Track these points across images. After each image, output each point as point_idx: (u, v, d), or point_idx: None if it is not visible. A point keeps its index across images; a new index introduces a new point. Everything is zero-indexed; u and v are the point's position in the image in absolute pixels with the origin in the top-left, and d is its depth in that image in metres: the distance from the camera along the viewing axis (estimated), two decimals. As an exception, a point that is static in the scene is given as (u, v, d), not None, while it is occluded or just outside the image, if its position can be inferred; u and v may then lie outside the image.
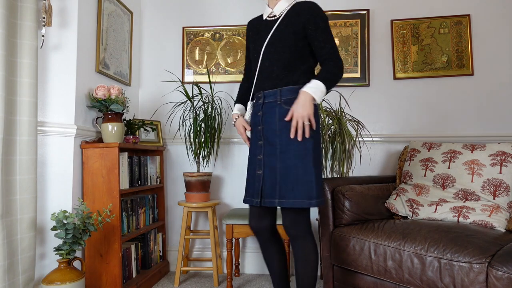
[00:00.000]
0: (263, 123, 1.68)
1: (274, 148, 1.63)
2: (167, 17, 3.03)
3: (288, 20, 1.66)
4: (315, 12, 1.64)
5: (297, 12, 1.66)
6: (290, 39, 1.63)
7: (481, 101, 2.71)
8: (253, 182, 1.68)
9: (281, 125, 1.62)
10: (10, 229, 1.74)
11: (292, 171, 1.58)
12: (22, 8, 1.83)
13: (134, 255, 2.40)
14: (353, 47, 2.83)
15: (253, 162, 1.71)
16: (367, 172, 2.77)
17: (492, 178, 1.97)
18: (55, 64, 2.07)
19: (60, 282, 1.77)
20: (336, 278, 2.00)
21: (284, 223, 1.64)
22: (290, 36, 1.63)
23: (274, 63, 1.65)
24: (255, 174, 1.68)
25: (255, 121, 1.72)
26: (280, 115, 1.62)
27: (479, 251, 1.50)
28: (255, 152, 1.71)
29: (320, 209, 2.09)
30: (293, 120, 1.56)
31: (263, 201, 1.64)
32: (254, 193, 1.67)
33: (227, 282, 2.41)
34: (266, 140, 1.66)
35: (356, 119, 2.47)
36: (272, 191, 1.61)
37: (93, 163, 2.13)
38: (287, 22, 1.66)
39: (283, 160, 1.60)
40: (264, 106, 1.68)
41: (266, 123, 1.67)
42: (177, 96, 2.90)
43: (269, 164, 1.64)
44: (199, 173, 2.56)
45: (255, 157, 1.70)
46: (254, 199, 1.67)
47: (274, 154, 1.63)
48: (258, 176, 1.66)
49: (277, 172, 1.61)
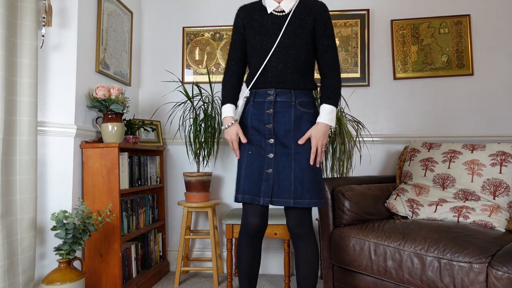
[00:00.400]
0: (274, 121, 1.63)
1: (289, 148, 1.61)
2: (167, 17, 3.03)
3: (301, 19, 1.63)
4: (326, 14, 1.66)
5: (308, 10, 1.65)
6: (305, 41, 1.63)
7: (481, 101, 2.71)
8: (258, 180, 1.60)
9: (296, 126, 1.63)
10: (10, 229, 1.74)
11: (308, 172, 1.59)
12: (22, 8, 1.83)
13: (134, 255, 2.40)
14: (353, 47, 2.83)
15: (258, 160, 1.63)
16: (367, 172, 2.77)
17: (492, 178, 1.97)
18: (55, 64, 2.07)
19: (60, 282, 1.77)
20: (336, 278, 2.00)
21: (291, 222, 1.63)
22: (304, 38, 1.63)
23: (287, 63, 1.63)
24: (262, 173, 1.61)
25: (263, 118, 1.65)
26: (296, 116, 1.63)
27: (479, 251, 1.50)
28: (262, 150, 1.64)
29: (320, 209, 2.09)
30: (313, 147, 1.60)
31: (274, 200, 1.59)
32: (260, 192, 1.60)
33: (227, 282, 2.41)
34: (278, 140, 1.62)
35: (356, 119, 2.47)
36: (286, 191, 1.58)
37: (93, 163, 2.13)
38: (300, 21, 1.63)
39: (298, 161, 1.60)
40: (277, 105, 1.64)
41: (278, 122, 1.63)
42: (177, 96, 2.90)
43: (282, 163, 1.60)
44: (199, 173, 2.56)
45: (261, 155, 1.63)
46: (259, 197, 1.60)
47: (289, 154, 1.61)
48: (268, 174, 1.60)
49: (292, 172, 1.59)
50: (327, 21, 1.66)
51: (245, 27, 1.70)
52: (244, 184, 1.63)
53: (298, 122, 1.63)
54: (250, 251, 1.69)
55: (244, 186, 1.62)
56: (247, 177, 1.63)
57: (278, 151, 1.62)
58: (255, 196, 1.60)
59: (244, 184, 1.63)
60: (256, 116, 1.67)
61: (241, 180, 1.64)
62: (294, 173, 1.59)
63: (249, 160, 1.64)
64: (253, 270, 1.72)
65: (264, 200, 1.59)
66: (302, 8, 1.65)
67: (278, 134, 1.63)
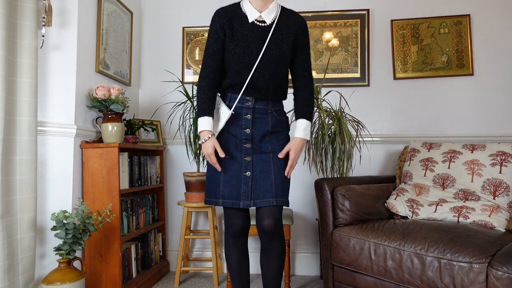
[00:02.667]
0: (253, 127, 1.68)
1: (266, 152, 1.68)
2: (167, 17, 3.03)
3: (282, 33, 1.66)
4: (306, 28, 1.73)
5: (289, 24, 1.68)
6: (287, 56, 1.68)
7: (481, 101, 2.71)
8: (237, 184, 1.65)
9: (273, 131, 1.70)
10: (10, 229, 1.75)
11: (282, 172, 1.68)
12: (22, 8, 1.83)
13: (134, 255, 2.40)
14: (353, 47, 2.83)
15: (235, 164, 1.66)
16: (367, 172, 2.77)
17: (492, 178, 1.97)
18: (55, 64, 2.07)
19: (60, 282, 1.77)
20: (336, 278, 2.00)
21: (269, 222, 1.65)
22: (286, 53, 1.67)
23: (268, 78, 1.66)
24: (240, 176, 1.65)
25: (241, 122, 1.67)
26: (273, 122, 1.70)
27: (479, 251, 1.50)
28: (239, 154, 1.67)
29: (320, 209, 2.09)
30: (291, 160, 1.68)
31: (255, 202, 1.64)
32: (239, 195, 1.64)
33: (227, 282, 2.41)
34: (255, 144, 1.68)
35: (356, 119, 2.47)
36: (267, 191, 1.64)
37: (93, 163, 2.13)
38: (281, 36, 1.66)
39: (276, 163, 1.67)
40: (255, 111, 1.68)
41: (256, 128, 1.68)
42: (177, 96, 2.90)
43: (260, 166, 1.66)
44: (199, 173, 2.56)
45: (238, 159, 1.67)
46: (239, 201, 1.64)
47: (267, 157, 1.68)
48: (246, 177, 1.65)
49: (272, 173, 1.65)
50: (306, 35, 1.73)
51: (226, 35, 1.66)
52: (223, 189, 1.66)
53: (274, 128, 1.70)
54: (237, 250, 1.76)
55: (223, 191, 1.66)
56: (226, 181, 1.66)
57: (255, 155, 1.68)
58: (234, 199, 1.65)
59: (223, 189, 1.66)
60: (235, 122, 1.68)
61: (220, 184, 1.67)
62: (274, 174, 1.66)
63: (227, 164, 1.67)
64: (243, 269, 1.77)
65: (244, 203, 1.64)
66: (284, 19, 1.68)
67: (255, 138, 1.68)
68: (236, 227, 1.71)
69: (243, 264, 1.78)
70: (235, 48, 1.64)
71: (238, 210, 1.69)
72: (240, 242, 1.76)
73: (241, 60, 1.64)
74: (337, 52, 2.85)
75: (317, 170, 2.41)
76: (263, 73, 1.64)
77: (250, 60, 1.63)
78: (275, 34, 1.65)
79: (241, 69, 1.64)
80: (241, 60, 1.64)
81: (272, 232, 1.66)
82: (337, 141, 2.31)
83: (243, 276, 1.78)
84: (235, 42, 1.64)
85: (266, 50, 1.63)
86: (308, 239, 2.82)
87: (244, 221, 1.72)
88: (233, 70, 1.66)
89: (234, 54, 1.64)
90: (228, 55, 1.67)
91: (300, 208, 2.84)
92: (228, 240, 1.76)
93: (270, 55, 1.63)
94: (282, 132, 1.73)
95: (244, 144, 1.67)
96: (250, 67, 1.63)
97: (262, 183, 1.64)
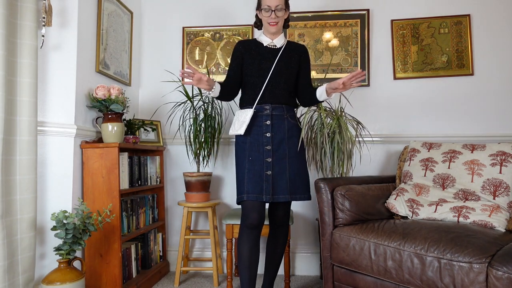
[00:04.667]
0: (273, 131, 1.99)
1: (283, 154, 1.99)
2: (167, 17, 3.03)
3: (289, 55, 2.06)
4: (307, 53, 2.16)
5: (293, 50, 2.09)
6: (294, 68, 2.07)
7: (481, 101, 2.71)
8: (260, 181, 1.93)
9: (289, 135, 2.02)
10: (10, 229, 1.75)
11: (300, 172, 2.01)
12: (22, 8, 1.83)
13: (134, 255, 2.40)
14: (353, 47, 2.83)
15: (258, 164, 1.95)
16: (367, 172, 2.77)
17: (492, 178, 1.97)
18: (55, 64, 2.07)
19: (60, 282, 1.77)
20: (336, 278, 2.00)
21: (280, 214, 2.06)
22: (293, 65, 2.06)
23: (280, 83, 2.01)
24: (262, 175, 1.94)
25: (262, 128, 1.99)
26: (288, 126, 2.03)
27: (479, 251, 1.50)
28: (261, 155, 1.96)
29: (320, 209, 2.09)
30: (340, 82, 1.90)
31: (275, 197, 1.93)
32: (262, 191, 1.92)
33: (227, 282, 2.41)
34: (276, 146, 1.98)
35: (356, 119, 2.47)
36: (284, 188, 1.95)
37: (93, 163, 2.13)
38: (288, 56, 2.06)
39: (293, 164, 2.00)
40: (273, 117, 2.00)
41: (275, 132, 1.99)
42: (177, 96, 2.90)
43: (279, 167, 1.96)
44: (199, 173, 2.56)
45: (260, 160, 1.95)
46: (262, 195, 1.91)
47: (284, 159, 1.98)
48: (267, 176, 1.94)
49: (287, 173, 1.97)
50: (307, 56, 2.15)
51: (244, 56, 2.06)
52: (248, 185, 1.93)
53: (290, 132, 2.03)
54: (250, 241, 1.95)
55: (248, 187, 1.93)
56: (250, 179, 1.93)
57: (275, 156, 1.97)
58: (258, 194, 1.92)
59: (248, 185, 1.93)
60: (257, 128, 2.00)
61: (244, 182, 1.94)
62: (290, 174, 1.98)
63: (251, 164, 1.95)
64: (253, 260, 1.96)
65: (266, 198, 1.92)
66: (290, 46, 2.10)
67: (274, 142, 1.98)
68: (253, 220, 1.91)
69: (254, 255, 1.96)
70: (253, 62, 2.03)
71: (256, 204, 1.92)
72: (254, 234, 1.95)
73: (259, 68, 2.01)
74: (337, 52, 2.85)
75: (317, 170, 2.41)
76: (276, 80, 2.00)
77: (266, 68, 2.01)
78: (284, 53, 2.06)
79: (259, 76, 2.01)
80: (257, 69, 2.01)
81: (281, 221, 2.08)
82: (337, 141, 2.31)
83: (252, 267, 1.96)
84: (252, 57, 2.04)
85: (278, 61, 2.02)
86: (308, 239, 2.82)
87: (260, 215, 1.93)
88: (251, 80, 2.03)
89: (252, 66, 2.03)
90: (246, 69, 2.05)
91: (300, 208, 2.84)
92: (244, 232, 1.96)
93: (281, 65, 2.02)
94: (296, 136, 2.05)
95: (265, 146, 1.97)
96: (265, 74, 2.00)
97: (280, 182, 1.95)
